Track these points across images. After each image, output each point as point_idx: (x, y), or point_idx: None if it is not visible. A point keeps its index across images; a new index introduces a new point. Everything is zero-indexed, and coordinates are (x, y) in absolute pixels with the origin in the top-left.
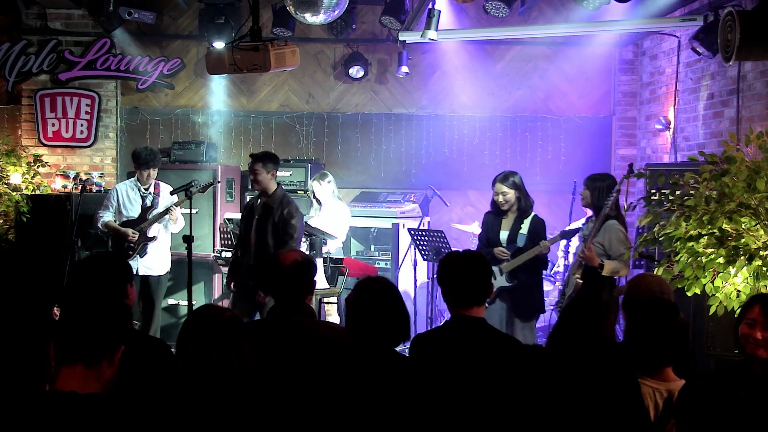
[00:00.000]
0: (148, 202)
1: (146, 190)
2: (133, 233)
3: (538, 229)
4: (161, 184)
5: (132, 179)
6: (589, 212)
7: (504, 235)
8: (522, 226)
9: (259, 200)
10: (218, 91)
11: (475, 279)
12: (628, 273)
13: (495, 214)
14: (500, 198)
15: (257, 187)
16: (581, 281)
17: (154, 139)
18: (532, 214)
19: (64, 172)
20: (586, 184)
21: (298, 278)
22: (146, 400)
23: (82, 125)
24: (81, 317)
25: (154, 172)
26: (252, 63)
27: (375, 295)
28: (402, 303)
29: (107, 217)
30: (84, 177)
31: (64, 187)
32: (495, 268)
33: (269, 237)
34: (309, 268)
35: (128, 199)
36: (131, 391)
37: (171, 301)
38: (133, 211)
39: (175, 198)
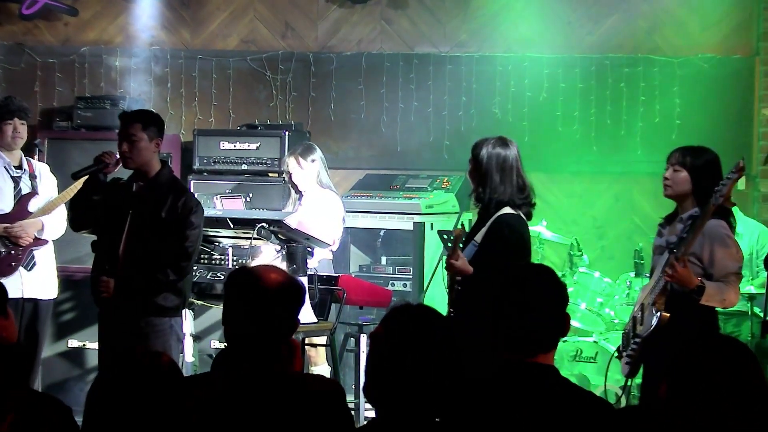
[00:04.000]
0: (25, 187)
1: (17, 168)
2: (21, 233)
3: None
4: (33, 161)
5: None
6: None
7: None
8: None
9: (134, 185)
10: (146, 19)
11: (547, 310)
12: (736, 303)
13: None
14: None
15: (131, 164)
16: (667, 315)
17: (46, 93)
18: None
19: None
20: (677, 161)
21: (281, 311)
22: None
23: None
24: None
25: (22, 129)
26: None
27: (421, 335)
28: (457, 350)
29: None
30: None
31: None
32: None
33: (147, 244)
34: (296, 298)
35: None
36: None
37: (73, 342)
38: (2, 201)
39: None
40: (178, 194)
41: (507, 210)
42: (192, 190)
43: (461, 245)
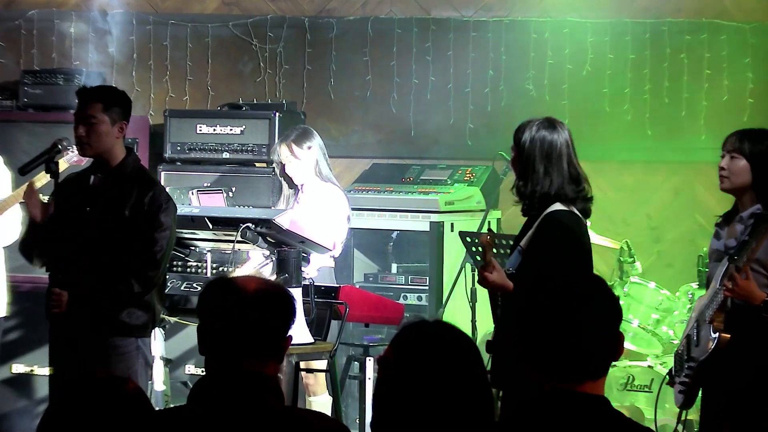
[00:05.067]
0: None
1: None
2: None
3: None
4: None
5: None
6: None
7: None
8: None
9: (92, 177)
10: None
11: (599, 329)
12: None
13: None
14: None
15: (89, 152)
16: (727, 336)
17: None
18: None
19: None
20: (733, 147)
21: (263, 326)
22: None
23: None
24: None
25: None
26: None
27: (440, 359)
28: (485, 378)
29: None
30: None
31: None
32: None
33: (109, 249)
34: (284, 310)
35: None
36: None
37: (19, 367)
38: None
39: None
40: (145, 188)
41: (557, 206)
42: (163, 184)
43: (505, 251)
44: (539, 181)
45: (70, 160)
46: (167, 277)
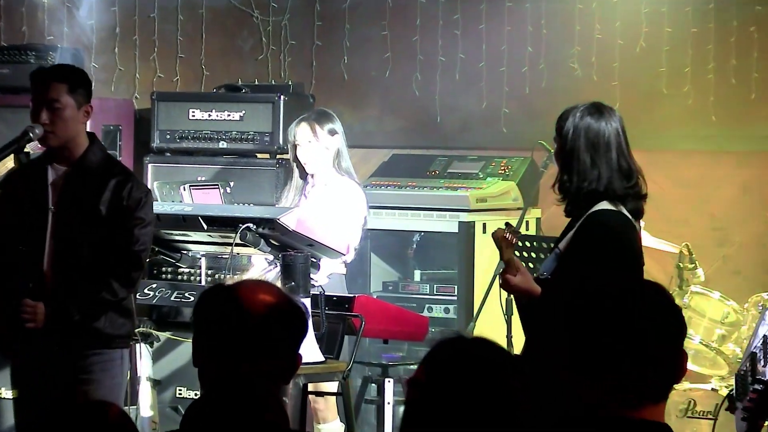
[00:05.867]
0: None
1: None
2: None
3: None
4: None
5: None
6: None
7: None
8: None
9: (50, 171)
10: None
11: (661, 346)
12: None
13: None
14: None
15: (54, 142)
16: None
17: None
18: None
19: None
20: None
21: (269, 343)
22: None
23: None
24: None
25: None
26: None
27: (481, 381)
28: (531, 403)
29: None
30: None
31: None
32: None
33: (82, 248)
34: (294, 323)
35: None
36: None
37: None
38: None
39: None
40: (120, 180)
41: (603, 205)
42: (151, 178)
43: (545, 255)
44: (585, 176)
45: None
46: (154, 285)
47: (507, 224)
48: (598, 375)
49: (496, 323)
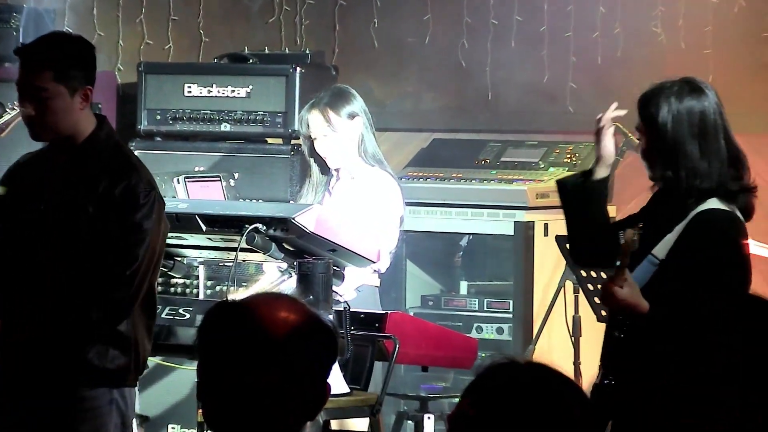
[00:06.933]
0: None
1: None
2: None
3: None
4: None
5: None
6: None
7: None
8: None
9: (49, 160)
10: None
11: None
12: None
13: None
14: None
15: (46, 135)
16: None
17: None
18: None
19: None
20: None
21: (291, 371)
22: None
23: None
24: None
25: None
26: None
27: (541, 417)
28: None
29: None
30: None
31: None
32: None
33: (74, 245)
34: (322, 348)
35: None
36: None
37: None
38: None
39: None
40: (119, 173)
41: (713, 204)
42: None
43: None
44: (696, 172)
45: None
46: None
47: (638, 226)
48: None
49: (561, 347)
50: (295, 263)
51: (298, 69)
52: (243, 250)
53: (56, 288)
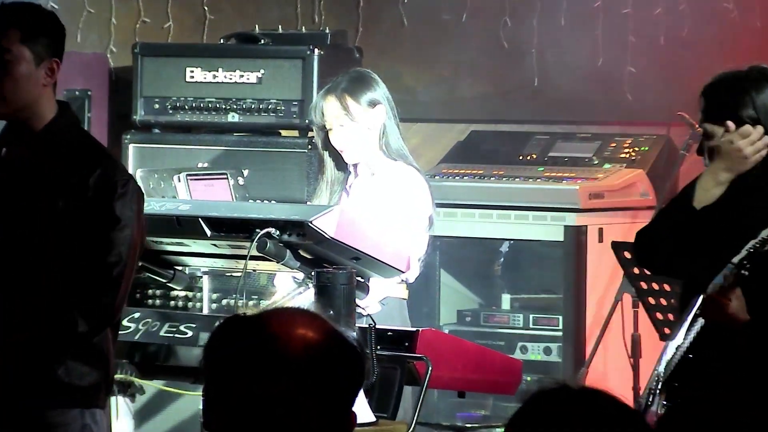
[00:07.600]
0: None
1: None
2: None
3: None
4: None
5: None
6: None
7: None
8: None
9: (4, 150)
10: None
11: None
12: None
13: None
14: None
15: (3, 108)
16: None
17: None
18: None
19: None
20: None
21: (312, 397)
22: None
23: None
24: None
25: None
26: None
27: None
28: None
29: None
30: None
31: None
32: None
33: (45, 246)
34: (347, 370)
35: None
36: None
37: None
38: None
39: None
40: (90, 163)
41: None
42: (132, 163)
43: None
44: None
45: None
46: (136, 314)
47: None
48: None
49: (618, 369)
50: (312, 273)
51: (316, 51)
52: (253, 258)
53: (26, 299)
